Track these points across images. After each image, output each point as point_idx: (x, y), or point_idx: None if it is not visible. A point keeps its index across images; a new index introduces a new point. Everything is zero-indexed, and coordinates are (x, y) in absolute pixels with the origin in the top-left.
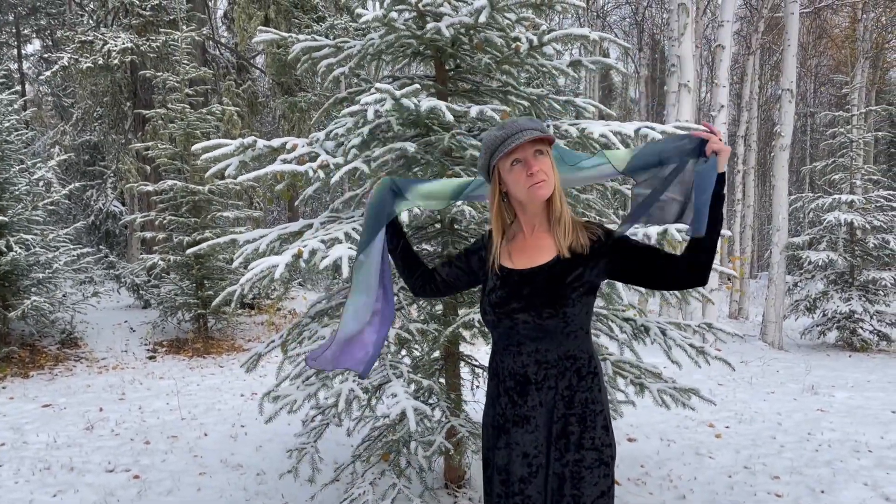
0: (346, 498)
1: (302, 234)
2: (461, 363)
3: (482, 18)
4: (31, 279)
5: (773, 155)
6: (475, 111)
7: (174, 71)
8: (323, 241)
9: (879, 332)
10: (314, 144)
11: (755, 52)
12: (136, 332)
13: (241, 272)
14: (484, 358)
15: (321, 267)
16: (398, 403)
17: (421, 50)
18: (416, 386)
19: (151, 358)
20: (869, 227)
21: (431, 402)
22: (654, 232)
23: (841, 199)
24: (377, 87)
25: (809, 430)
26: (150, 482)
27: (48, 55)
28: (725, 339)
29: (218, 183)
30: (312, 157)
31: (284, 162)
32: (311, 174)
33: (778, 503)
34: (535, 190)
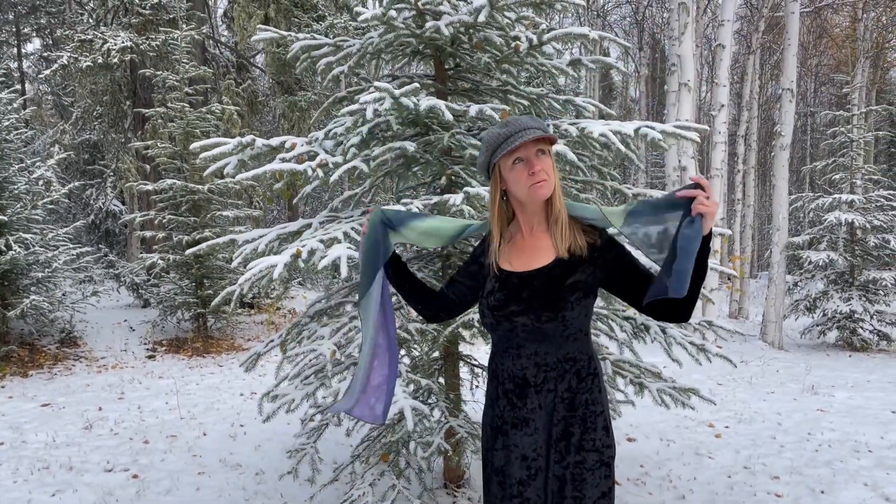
0: (345, 499)
1: (301, 233)
2: (460, 363)
3: (481, 17)
4: (30, 278)
5: (773, 154)
6: (474, 110)
7: (174, 70)
8: (322, 240)
9: (880, 331)
10: (313, 143)
11: (755, 51)
12: (135, 331)
13: (240, 272)
14: (483, 357)
15: (320, 267)
16: (396, 403)
17: (420, 49)
18: (414, 386)
19: (151, 357)
20: (869, 226)
21: (430, 401)
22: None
23: (841, 198)
24: (376, 85)
25: (809, 430)
26: (148, 482)
27: (48, 54)
28: (725, 337)
29: (217, 182)
30: (311, 155)
31: (283, 161)
32: (309, 173)
33: (778, 503)
34: (535, 189)
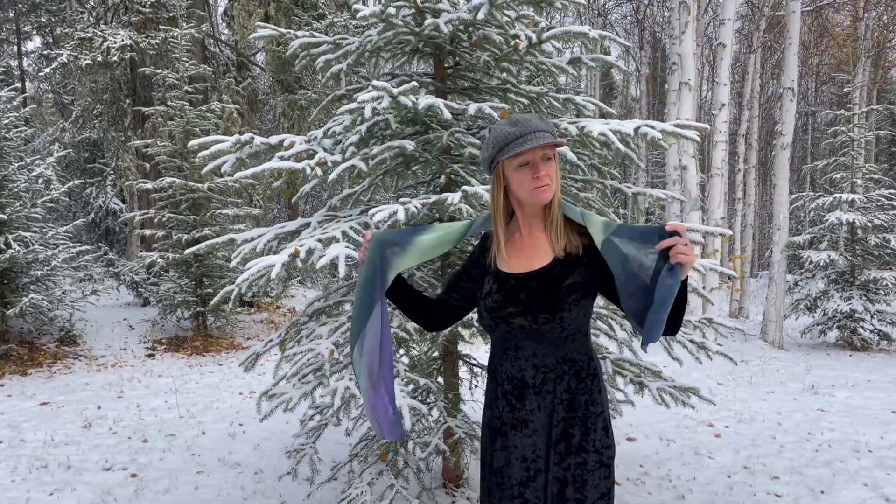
0: (343, 498)
1: (299, 232)
2: (460, 362)
3: (481, 15)
4: (29, 276)
5: (773, 154)
6: (473, 109)
7: (173, 68)
8: (320, 240)
9: (880, 331)
10: (312, 142)
11: (756, 50)
12: (135, 329)
13: (239, 270)
14: (483, 357)
15: (318, 266)
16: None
17: (420, 47)
18: (413, 385)
19: (150, 356)
20: (870, 226)
21: (429, 401)
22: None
23: (842, 198)
24: (374, 84)
25: (809, 429)
26: (147, 481)
27: (48, 52)
28: (726, 335)
29: (217, 180)
30: (310, 154)
31: (282, 159)
32: (308, 172)
33: (777, 503)
34: (538, 193)
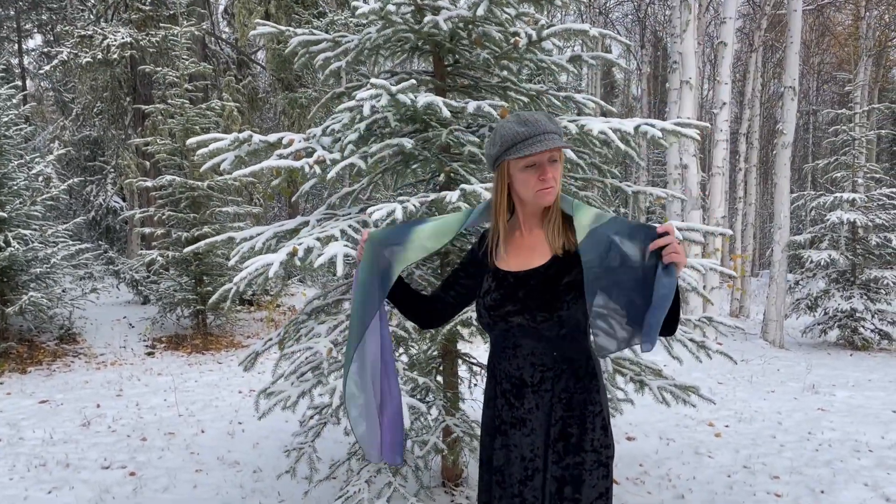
0: (341, 496)
1: (298, 231)
2: (459, 361)
3: (480, 11)
4: (29, 274)
5: (775, 152)
6: (472, 107)
7: (174, 66)
8: (319, 238)
9: (881, 330)
10: (311, 140)
11: (758, 49)
12: (134, 328)
13: (239, 269)
14: (482, 356)
15: (316, 265)
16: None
17: (419, 45)
18: (412, 384)
19: (150, 354)
20: (871, 225)
21: (428, 400)
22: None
23: (843, 197)
24: (372, 82)
25: (810, 429)
26: (146, 479)
27: (48, 50)
28: (726, 334)
29: (217, 179)
30: (309, 152)
31: (281, 157)
32: (307, 170)
33: (777, 503)
34: (542, 195)
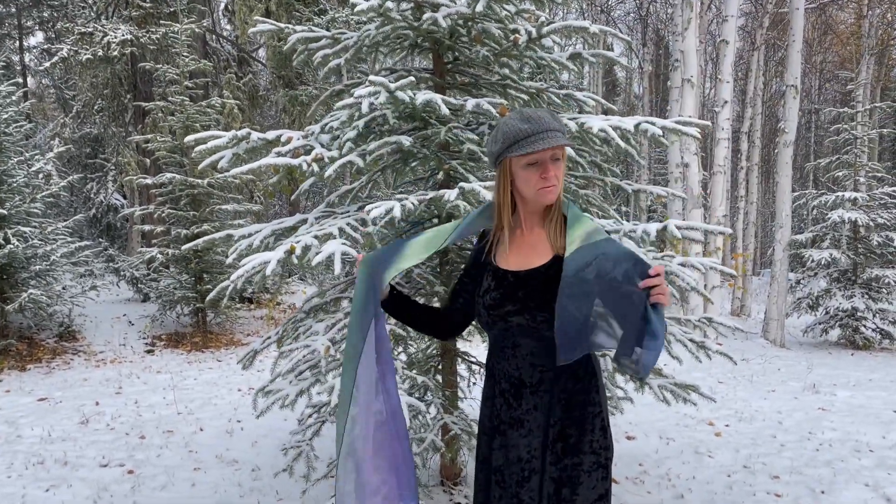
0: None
1: (296, 229)
2: (458, 360)
3: (479, 8)
4: (29, 272)
5: (776, 151)
6: (471, 104)
7: (174, 63)
8: (317, 236)
9: (882, 330)
10: (309, 137)
11: (760, 47)
12: (134, 325)
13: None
14: (481, 354)
15: (314, 263)
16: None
17: (418, 42)
18: (410, 382)
19: (149, 352)
20: (873, 224)
21: (427, 399)
22: (653, 229)
23: (845, 196)
24: (371, 79)
25: (810, 429)
26: (144, 477)
27: (49, 46)
28: (726, 335)
29: (217, 176)
30: (307, 150)
31: (279, 155)
32: (304, 167)
33: (777, 503)
34: (544, 193)
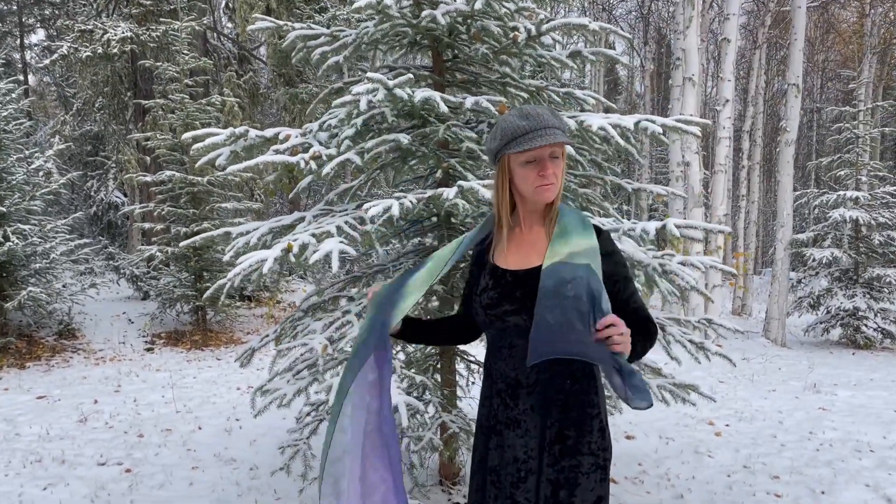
0: None
1: (294, 227)
2: (457, 359)
3: (478, 6)
4: (28, 270)
5: (778, 150)
6: (470, 102)
7: (174, 61)
8: (314, 234)
9: (884, 329)
10: (308, 135)
11: (761, 46)
12: (134, 323)
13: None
14: (481, 353)
15: (311, 261)
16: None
17: (417, 39)
18: (409, 381)
19: (149, 350)
20: (874, 223)
21: (425, 398)
22: (652, 228)
23: (846, 195)
24: (368, 76)
25: (811, 429)
26: (141, 476)
27: (49, 44)
28: (727, 335)
29: (217, 174)
30: (305, 147)
31: (277, 152)
32: (302, 165)
33: (777, 503)
34: (541, 191)
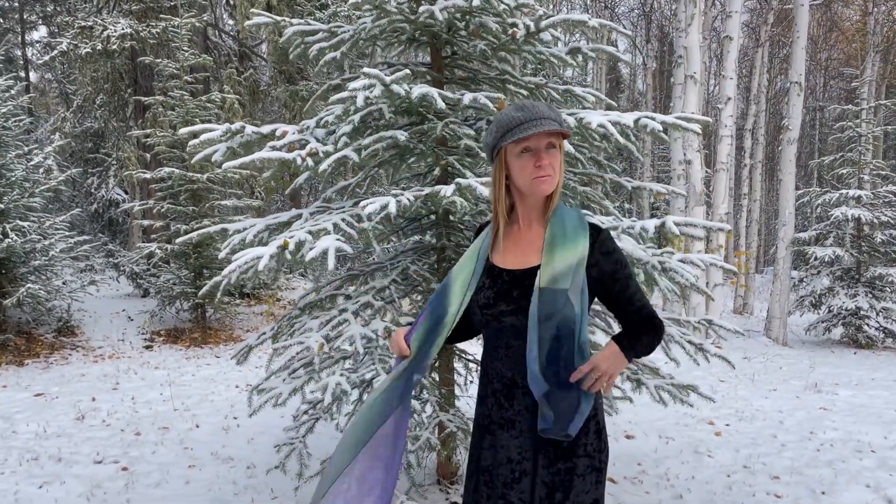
0: None
1: (291, 224)
2: (455, 357)
3: (476, 2)
4: (28, 266)
5: (780, 149)
6: (468, 98)
7: (174, 58)
8: (310, 232)
9: (885, 328)
10: (305, 132)
11: (764, 44)
12: (133, 320)
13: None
14: (479, 352)
15: (307, 259)
16: None
17: (416, 36)
18: None
19: (148, 347)
20: (876, 222)
21: (423, 397)
22: (651, 226)
23: (848, 194)
24: (364, 71)
25: (811, 428)
26: (138, 474)
27: (49, 40)
28: (726, 337)
29: (217, 171)
30: (302, 144)
31: (273, 149)
32: (299, 162)
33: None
34: (538, 183)
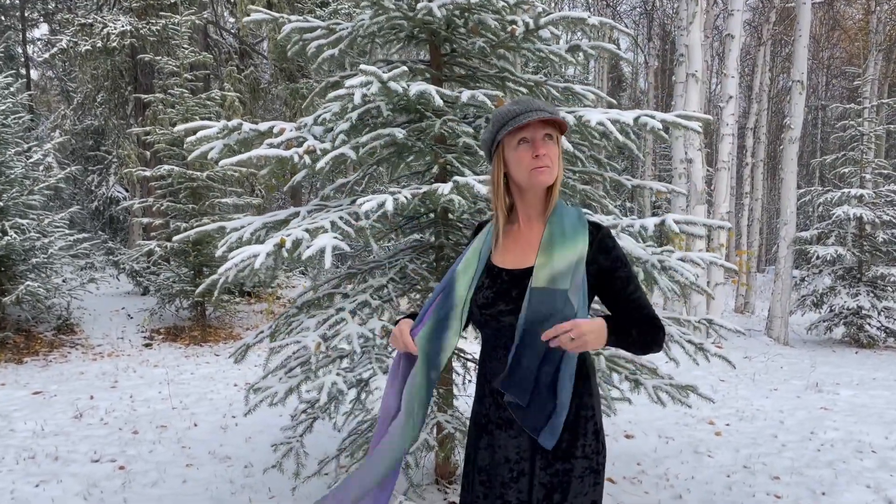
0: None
1: (288, 222)
2: (453, 357)
3: None
4: (27, 264)
5: (782, 148)
6: (466, 96)
7: (174, 55)
8: (308, 230)
9: (887, 328)
10: (302, 129)
11: (766, 43)
12: (133, 318)
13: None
14: (477, 351)
15: (304, 257)
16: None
17: (415, 33)
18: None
19: (147, 345)
20: (878, 221)
21: None
22: (651, 224)
23: (850, 193)
24: (362, 68)
25: (812, 428)
26: (135, 473)
27: (52, 39)
28: (726, 337)
29: (217, 169)
30: (300, 142)
31: (271, 146)
32: (296, 160)
33: None
34: (536, 174)
